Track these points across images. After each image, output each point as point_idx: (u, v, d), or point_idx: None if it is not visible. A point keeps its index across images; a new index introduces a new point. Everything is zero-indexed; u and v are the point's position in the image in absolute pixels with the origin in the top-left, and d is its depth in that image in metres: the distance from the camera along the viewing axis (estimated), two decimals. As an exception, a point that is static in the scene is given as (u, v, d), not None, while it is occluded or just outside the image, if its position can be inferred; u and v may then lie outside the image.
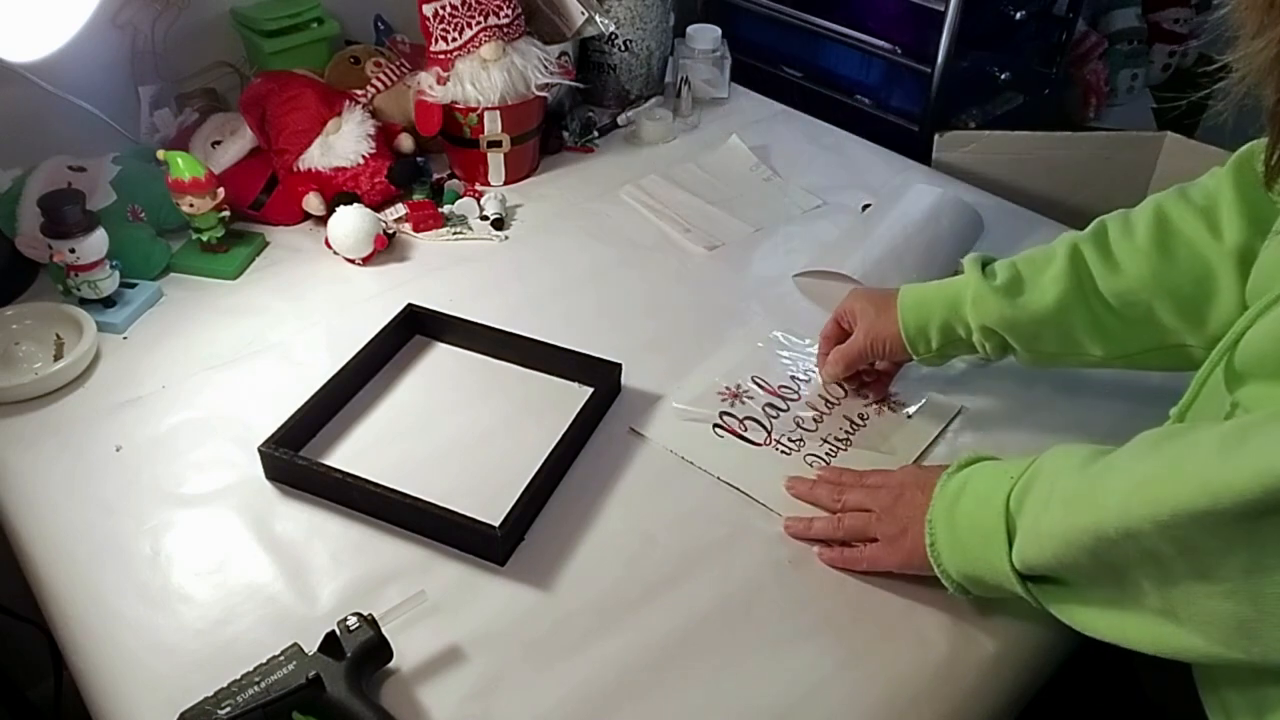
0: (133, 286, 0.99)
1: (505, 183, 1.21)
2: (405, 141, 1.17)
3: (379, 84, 1.17)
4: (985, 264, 0.80)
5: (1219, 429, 0.49)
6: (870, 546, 0.72)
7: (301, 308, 0.99)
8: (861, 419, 0.87)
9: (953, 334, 0.81)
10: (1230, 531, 0.47)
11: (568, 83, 1.24)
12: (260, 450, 0.79)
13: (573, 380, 0.90)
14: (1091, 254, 0.76)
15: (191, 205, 1.00)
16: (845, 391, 0.89)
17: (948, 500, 0.67)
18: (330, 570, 0.73)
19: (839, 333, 0.88)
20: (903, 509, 0.70)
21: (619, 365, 0.88)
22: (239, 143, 1.10)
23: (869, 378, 0.90)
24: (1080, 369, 0.81)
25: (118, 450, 0.82)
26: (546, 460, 0.78)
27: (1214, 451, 0.48)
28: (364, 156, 1.10)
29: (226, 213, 1.03)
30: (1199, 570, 0.49)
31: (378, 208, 1.11)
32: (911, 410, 0.88)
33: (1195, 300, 0.73)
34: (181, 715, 0.59)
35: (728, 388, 0.90)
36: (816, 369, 0.91)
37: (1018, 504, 0.61)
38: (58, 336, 0.92)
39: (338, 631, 0.64)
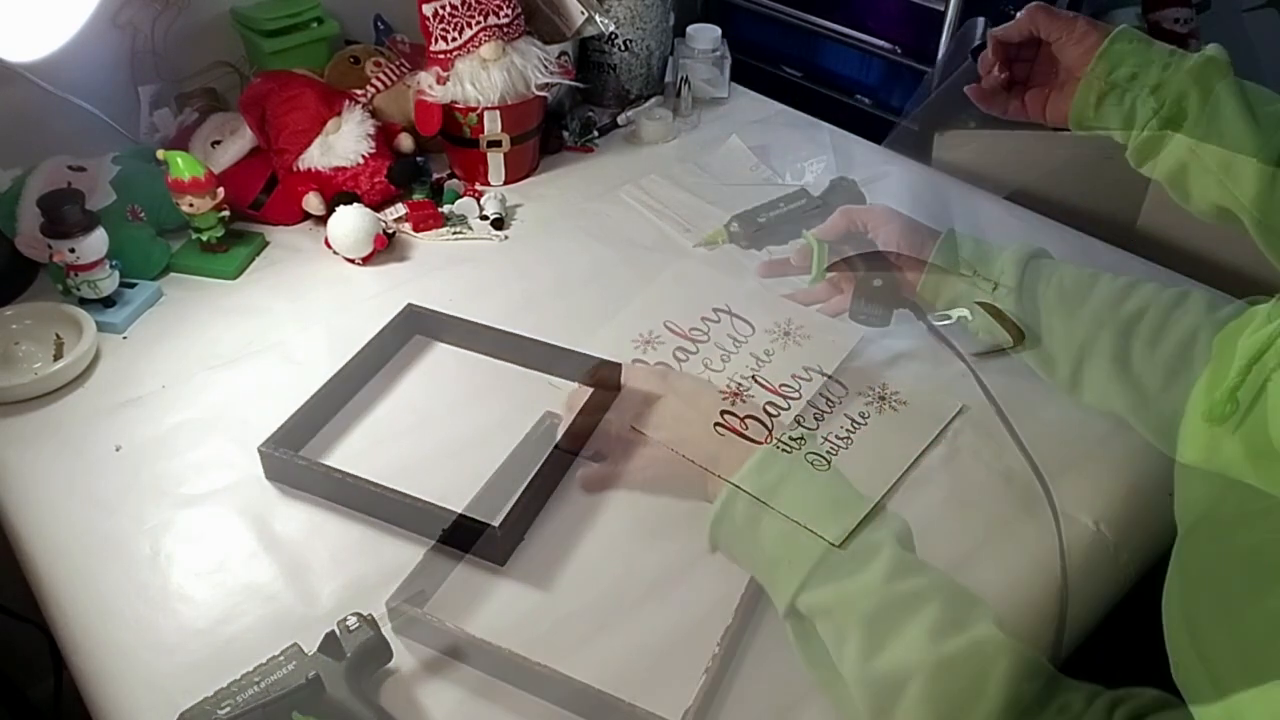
0: (133, 286, 0.99)
1: (505, 183, 1.21)
2: (405, 141, 1.17)
3: (379, 84, 1.17)
4: None
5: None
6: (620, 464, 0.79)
7: (301, 308, 0.99)
8: (862, 418, 0.87)
9: (1149, 80, 0.83)
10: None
11: (568, 82, 1.23)
12: (260, 450, 0.79)
13: (572, 380, 0.90)
14: None
15: (191, 205, 1.00)
16: (846, 390, 0.90)
17: (762, 485, 0.71)
18: (330, 570, 0.73)
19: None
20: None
21: (619, 365, 0.88)
22: (239, 143, 1.10)
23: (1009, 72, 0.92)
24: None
25: (118, 450, 0.82)
26: (547, 460, 0.78)
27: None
28: (364, 156, 1.10)
29: (226, 213, 1.03)
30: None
31: (378, 208, 1.11)
32: (912, 410, 0.88)
33: None
34: (181, 715, 0.59)
35: (728, 386, 0.90)
36: (818, 366, 0.91)
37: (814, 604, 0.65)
38: (58, 336, 0.92)
39: (337, 631, 0.64)
